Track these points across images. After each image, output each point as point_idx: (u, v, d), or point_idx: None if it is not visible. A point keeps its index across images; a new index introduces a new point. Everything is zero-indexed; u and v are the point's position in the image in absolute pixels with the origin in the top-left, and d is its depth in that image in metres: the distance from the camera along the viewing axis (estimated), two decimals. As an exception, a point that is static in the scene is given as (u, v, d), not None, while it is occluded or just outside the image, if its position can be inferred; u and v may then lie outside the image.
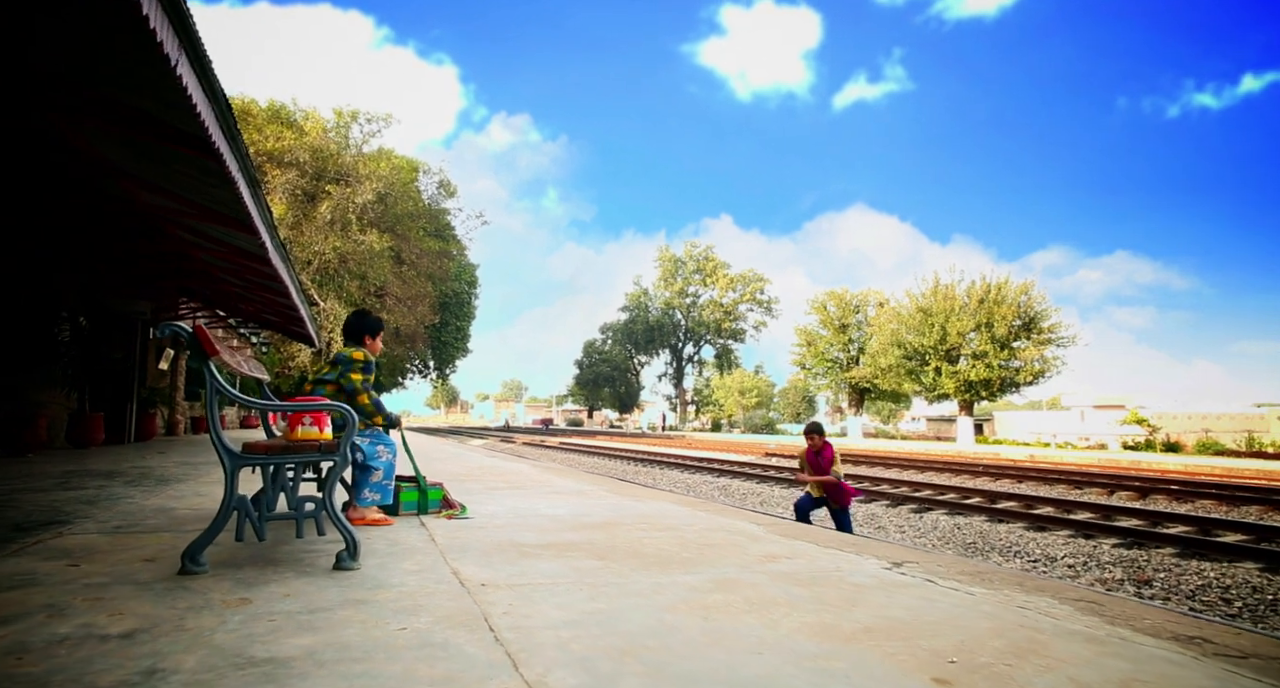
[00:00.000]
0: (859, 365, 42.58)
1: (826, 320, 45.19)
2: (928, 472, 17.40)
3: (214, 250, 10.13)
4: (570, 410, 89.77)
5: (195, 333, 2.60)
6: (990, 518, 9.74)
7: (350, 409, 2.72)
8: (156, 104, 5.18)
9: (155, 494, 4.94)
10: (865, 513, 10.49)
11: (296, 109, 34.92)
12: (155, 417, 14.35)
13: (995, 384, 31.59)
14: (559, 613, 2.17)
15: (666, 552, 3.24)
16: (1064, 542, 8.14)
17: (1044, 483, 14.50)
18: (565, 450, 26.51)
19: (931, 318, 32.52)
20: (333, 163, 33.29)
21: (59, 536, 3.25)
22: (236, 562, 2.71)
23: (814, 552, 3.34)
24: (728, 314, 63.76)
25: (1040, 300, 32.07)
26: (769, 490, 13.11)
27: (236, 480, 2.61)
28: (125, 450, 10.40)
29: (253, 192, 6.66)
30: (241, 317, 17.12)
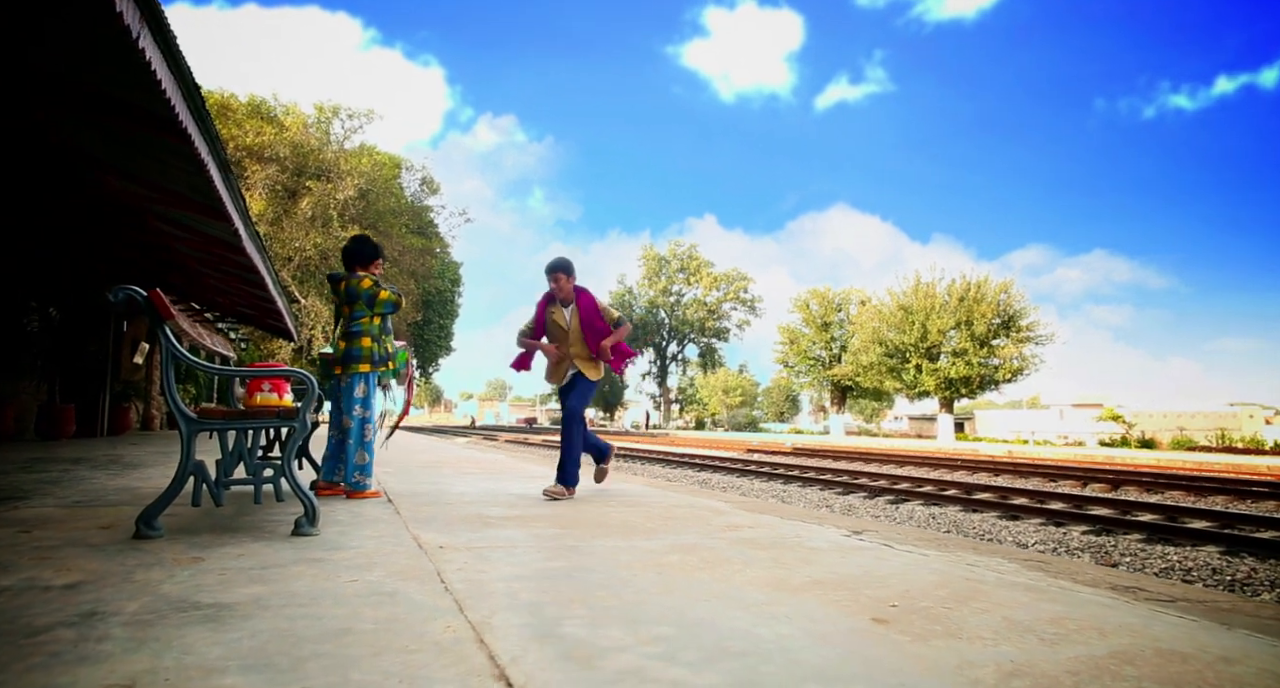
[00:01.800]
0: (841, 363, 42.87)
1: (809, 319, 45.45)
2: (906, 466, 17.56)
3: (188, 240, 10.02)
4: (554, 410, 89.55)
5: (150, 297, 2.58)
6: (965, 508, 9.84)
7: (310, 377, 2.71)
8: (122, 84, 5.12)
9: (121, 477, 4.89)
10: (842, 504, 10.55)
11: (277, 104, 34.60)
12: (129, 410, 14.16)
13: (975, 382, 31.93)
14: (513, 569, 2.18)
15: (630, 522, 3.26)
16: (1035, 530, 8.24)
17: (1020, 476, 14.69)
18: (549, 448, 26.45)
19: (912, 316, 32.82)
20: (314, 158, 33.02)
21: (14, 509, 3.21)
22: (194, 529, 2.70)
23: (776, 523, 3.37)
24: (711, 313, 63.90)
25: (1019, 299, 32.48)
26: (749, 483, 13.15)
27: (194, 445, 2.59)
28: (97, 443, 10.26)
29: (224, 176, 6.61)
30: (219, 310, 16.94)
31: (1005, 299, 32.22)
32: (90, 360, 12.04)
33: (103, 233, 10.59)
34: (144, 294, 2.60)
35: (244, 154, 30.91)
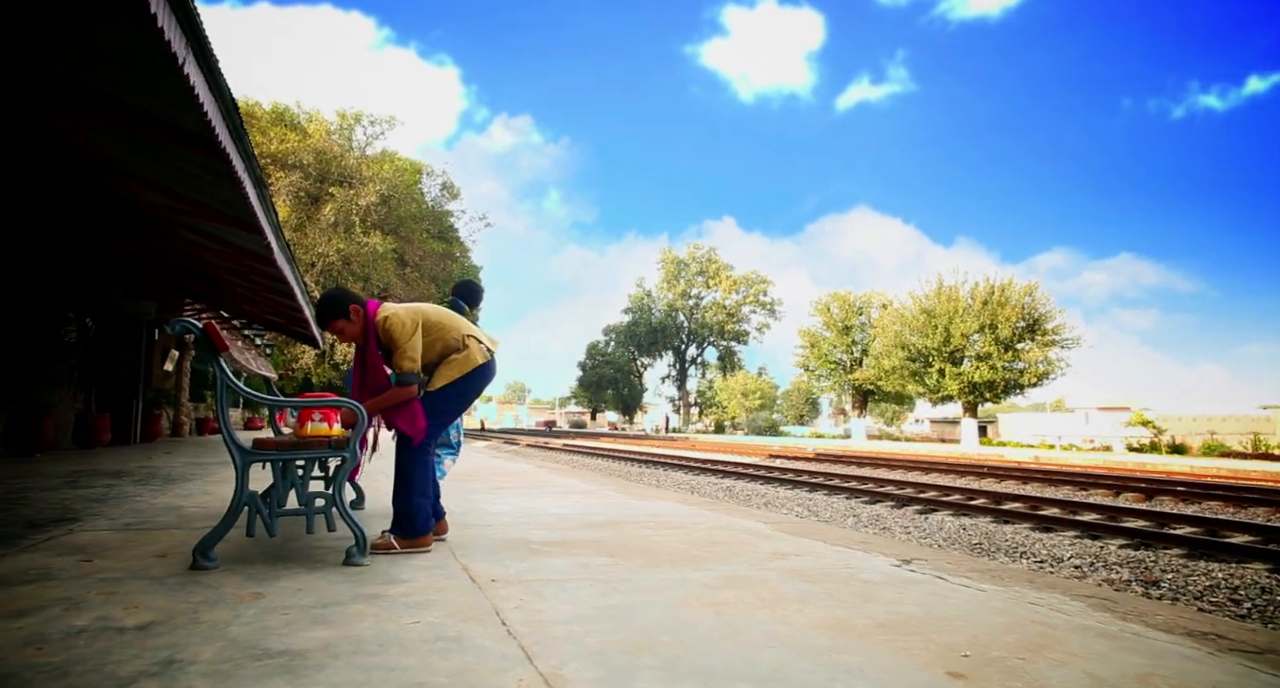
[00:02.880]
0: (862, 367, 42.56)
1: (830, 322, 45.18)
2: (932, 473, 17.38)
3: (219, 251, 10.16)
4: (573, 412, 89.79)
5: (205, 329, 2.61)
6: (996, 519, 9.71)
7: (361, 407, 2.73)
8: (163, 103, 5.21)
9: (164, 493, 4.95)
10: (870, 514, 10.45)
11: (300, 111, 35.06)
12: (160, 418, 14.39)
13: (999, 386, 31.54)
14: (571, 608, 2.17)
15: (676, 549, 3.24)
16: (1070, 543, 8.11)
17: (1049, 484, 14.47)
18: (569, 452, 26.51)
19: (935, 319, 32.50)
20: (336, 165, 33.40)
21: (70, 533, 3.26)
22: (247, 557, 2.72)
23: (822, 549, 3.34)
24: (731, 316, 63.74)
25: (1044, 302, 32.05)
26: (774, 492, 13.08)
27: (247, 476, 2.61)
28: (131, 451, 10.43)
29: (258, 192, 6.69)
30: (246, 318, 17.17)
31: (1030, 302, 31.82)
32: (123, 369, 12.25)
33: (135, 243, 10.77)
34: (200, 326, 2.63)
35: (268, 161, 31.36)
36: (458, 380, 3.09)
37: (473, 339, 3.17)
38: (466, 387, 3.13)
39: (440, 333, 3.11)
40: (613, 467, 19.01)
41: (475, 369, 3.13)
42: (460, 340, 3.14)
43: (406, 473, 3.00)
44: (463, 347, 3.13)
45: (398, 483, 3.01)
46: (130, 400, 12.45)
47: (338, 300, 3.06)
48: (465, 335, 3.16)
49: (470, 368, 3.12)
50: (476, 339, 3.18)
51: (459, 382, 3.10)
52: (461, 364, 3.10)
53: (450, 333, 3.13)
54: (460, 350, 3.12)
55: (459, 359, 3.11)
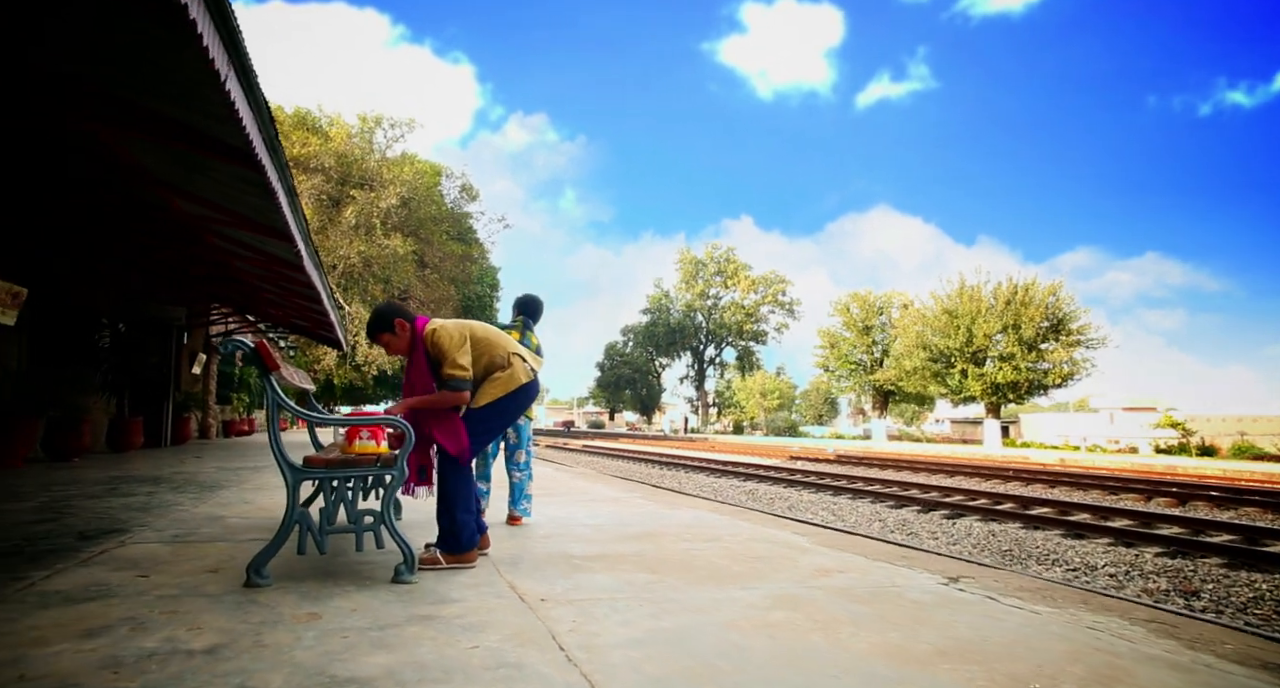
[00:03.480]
0: (883, 368, 42.24)
1: (850, 322, 44.89)
2: (957, 476, 17.22)
3: (248, 258, 10.30)
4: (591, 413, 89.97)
5: (257, 349, 2.65)
6: (1025, 525, 9.59)
7: (409, 425, 2.75)
8: (203, 118, 5.29)
9: (203, 501, 5.03)
10: (896, 519, 10.38)
11: (322, 115, 35.43)
12: (189, 421, 14.60)
13: (1023, 387, 31.16)
14: (624, 631, 2.17)
15: (716, 564, 3.24)
16: (1103, 550, 7.99)
17: (1077, 488, 14.28)
18: (589, 453, 26.57)
19: (957, 320, 32.17)
20: (357, 168, 33.72)
21: (121, 545, 3.32)
22: (298, 574, 2.75)
23: (864, 564, 3.31)
24: (749, 316, 63.53)
25: (1069, 301, 31.61)
26: (796, 495, 13.02)
27: (298, 494, 2.64)
28: (163, 455, 10.59)
29: (291, 201, 6.76)
30: (271, 321, 17.38)
31: (1054, 302, 31.41)
32: (154, 372, 12.44)
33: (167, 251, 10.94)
34: (251, 346, 2.66)
35: (291, 165, 31.69)
36: (500, 398, 3.11)
37: (516, 357, 3.18)
38: (508, 405, 3.15)
39: (486, 349, 3.13)
40: (634, 469, 19.01)
41: (518, 388, 3.15)
42: (505, 358, 3.15)
43: (448, 490, 3.02)
44: (507, 364, 3.15)
45: (440, 500, 3.03)
46: (161, 404, 12.64)
47: (385, 315, 3.13)
48: (510, 353, 3.18)
49: (514, 386, 3.13)
50: (520, 358, 3.20)
51: (502, 400, 3.11)
52: (505, 382, 3.12)
53: (496, 349, 3.15)
54: (504, 368, 3.14)
55: (503, 377, 3.12)
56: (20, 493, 5.29)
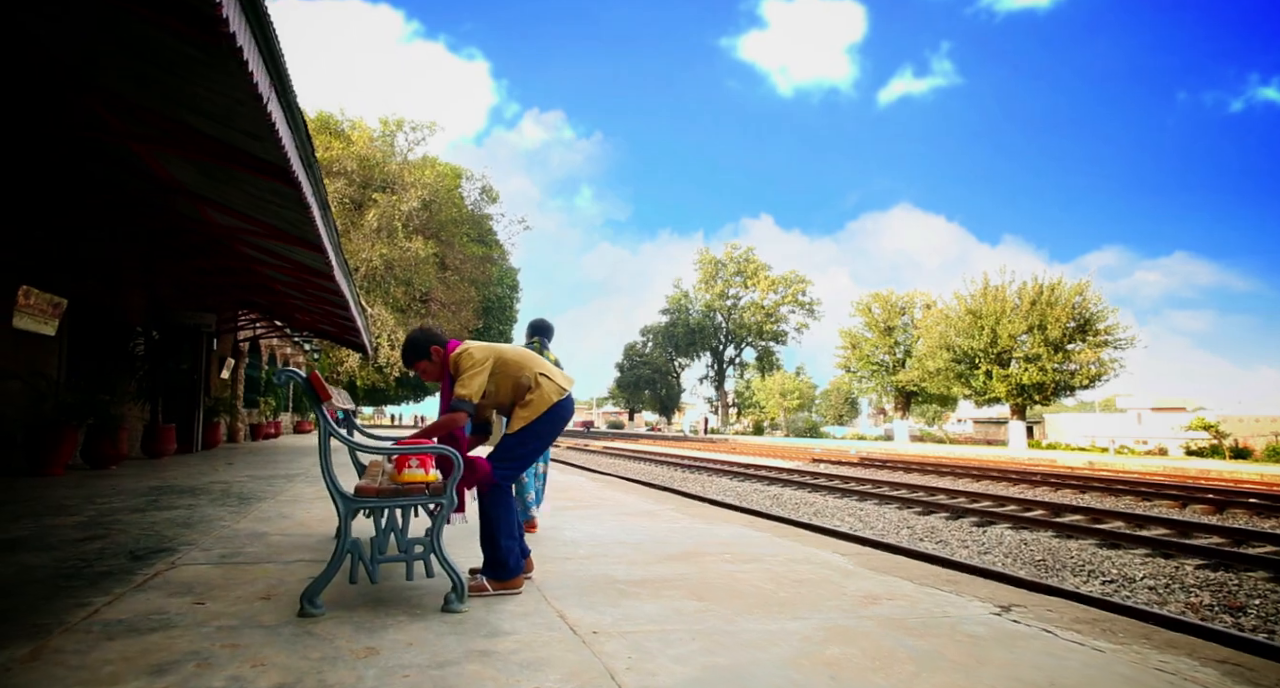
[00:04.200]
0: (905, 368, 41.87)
1: (871, 323, 44.56)
2: (984, 481, 16.99)
3: (278, 266, 10.43)
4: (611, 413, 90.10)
5: (310, 380, 2.67)
6: (1058, 533, 9.44)
7: (457, 454, 2.76)
8: (242, 135, 5.36)
9: (243, 515, 5.09)
10: (924, 526, 10.27)
11: (344, 119, 35.79)
12: (219, 426, 14.81)
13: (1049, 388, 30.75)
14: (682, 669, 2.16)
15: (761, 590, 3.22)
16: (1141, 561, 7.83)
17: (1109, 494, 14.03)
18: (611, 455, 26.58)
19: (981, 320, 31.81)
20: (379, 171, 34.03)
21: (172, 566, 3.36)
22: (349, 602, 2.77)
23: (911, 591, 3.27)
24: (769, 316, 63.28)
25: (1096, 301, 31.14)
26: (821, 500, 12.93)
27: (350, 524, 2.66)
28: (195, 461, 10.75)
29: (324, 215, 6.83)
30: (298, 326, 17.61)
31: (1081, 301, 30.94)
32: (184, 379, 12.62)
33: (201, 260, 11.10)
34: (305, 377, 2.69)
35: (315, 170, 32.05)
36: (534, 421, 3.10)
37: (544, 377, 3.16)
38: (543, 427, 3.13)
39: (514, 371, 3.11)
40: (658, 472, 18.97)
41: (550, 408, 3.13)
42: (532, 378, 3.13)
43: (491, 517, 3.03)
44: (535, 385, 3.13)
45: (484, 527, 3.04)
46: (192, 410, 12.84)
47: (419, 343, 3.14)
48: (538, 374, 3.15)
49: (546, 407, 3.12)
50: (548, 377, 3.18)
51: (535, 423, 3.10)
52: (537, 404, 3.11)
53: (524, 371, 3.13)
54: (534, 389, 3.12)
55: (534, 399, 3.11)
56: (66, 506, 5.38)
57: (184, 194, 8.38)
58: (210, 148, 5.96)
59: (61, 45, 5.18)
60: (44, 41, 5.12)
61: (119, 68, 5.29)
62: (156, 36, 4.21)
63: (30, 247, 8.16)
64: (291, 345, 25.33)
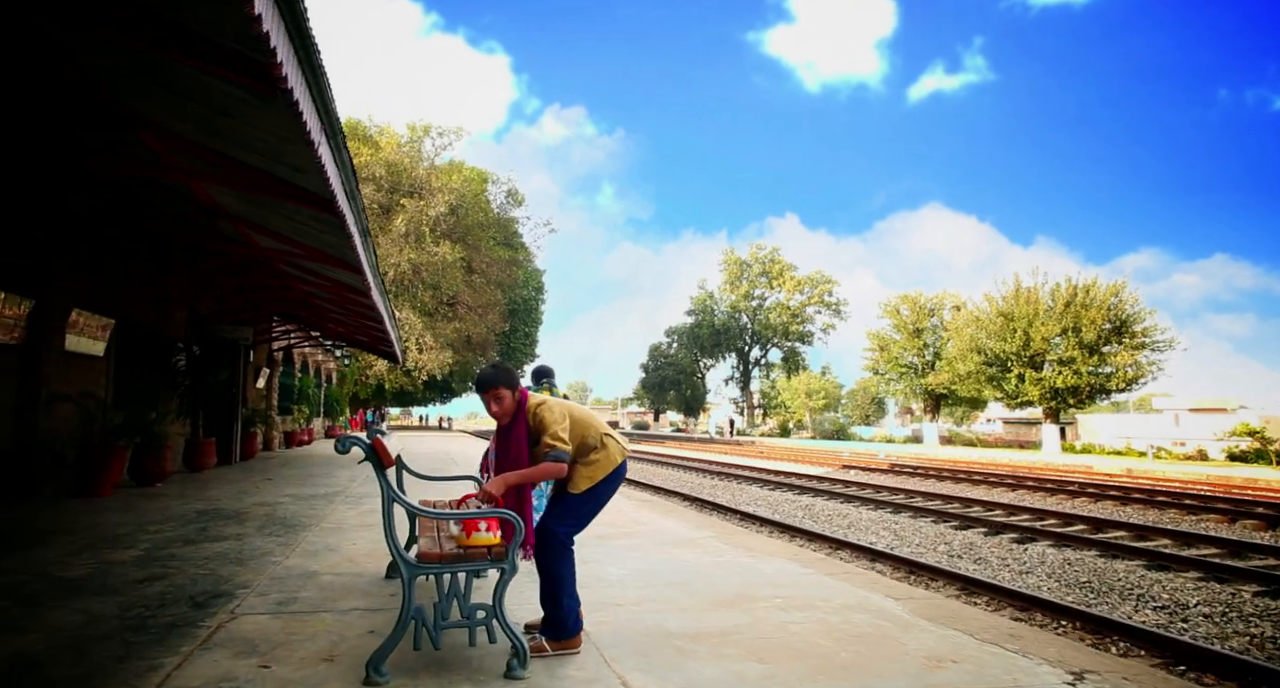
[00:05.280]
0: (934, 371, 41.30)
1: (900, 325, 44.05)
2: (1019, 490, 16.70)
3: (317, 283, 10.57)
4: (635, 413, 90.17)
5: (373, 446, 2.68)
6: (1102, 553, 9.22)
7: (518, 518, 2.75)
8: (293, 172, 5.42)
9: (291, 548, 5.15)
10: (962, 542, 10.11)
11: (372, 124, 36.19)
12: (255, 436, 15.05)
13: (1084, 392, 30.14)
14: (757, 756, 2.12)
15: (822, 648, 3.17)
16: (1194, 586, 7.61)
17: (1151, 506, 13.70)
18: (640, 460, 26.57)
19: (1013, 323, 31.28)
20: (407, 177, 34.36)
21: (233, 616, 3.41)
22: (411, 667, 2.78)
23: (974, 650, 3.20)
24: (795, 317, 62.89)
25: (1133, 302, 30.46)
26: (856, 514, 12.80)
27: (413, 590, 2.66)
28: (235, 475, 10.94)
29: (364, 241, 6.90)
30: (331, 336, 17.85)
31: (1117, 303, 30.28)
32: (224, 391, 12.83)
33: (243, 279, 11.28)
34: (369, 443, 2.70)
35: (344, 177, 32.47)
36: (601, 482, 3.11)
37: (609, 438, 3.18)
38: (607, 487, 3.16)
39: (582, 429, 3.13)
40: (688, 479, 18.87)
41: (615, 469, 3.16)
42: (599, 439, 3.15)
43: (553, 574, 3.01)
44: (601, 445, 3.14)
45: (545, 587, 3.03)
46: (230, 423, 13.06)
47: (509, 378, 3.14)
48: (603, 434, 3.18)
49: (611, 468, 3.14)
50: (613, 438, 3.20)
51: (602, 483, 3.11)
52: (604, 464, 3.11)
53: (590, 430, 3.15)
54: (599, 449, 3.13)
55: (599, 459, 3.12)
56: (121, 536, 5.49)
57: (227, 217, 8.53)
58: (257, 180, 6.05)
59: (124, 88, 5.29)
60: (103, 80, 5.23)
61: (174, 107, 5.39)
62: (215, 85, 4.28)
63: (81, 271, 8.35)
64: (323, 352, 25.68)
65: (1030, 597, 6.65)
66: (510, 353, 49.51)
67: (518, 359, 51.74)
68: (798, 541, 9.82)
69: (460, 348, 37.42)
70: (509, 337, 46.69)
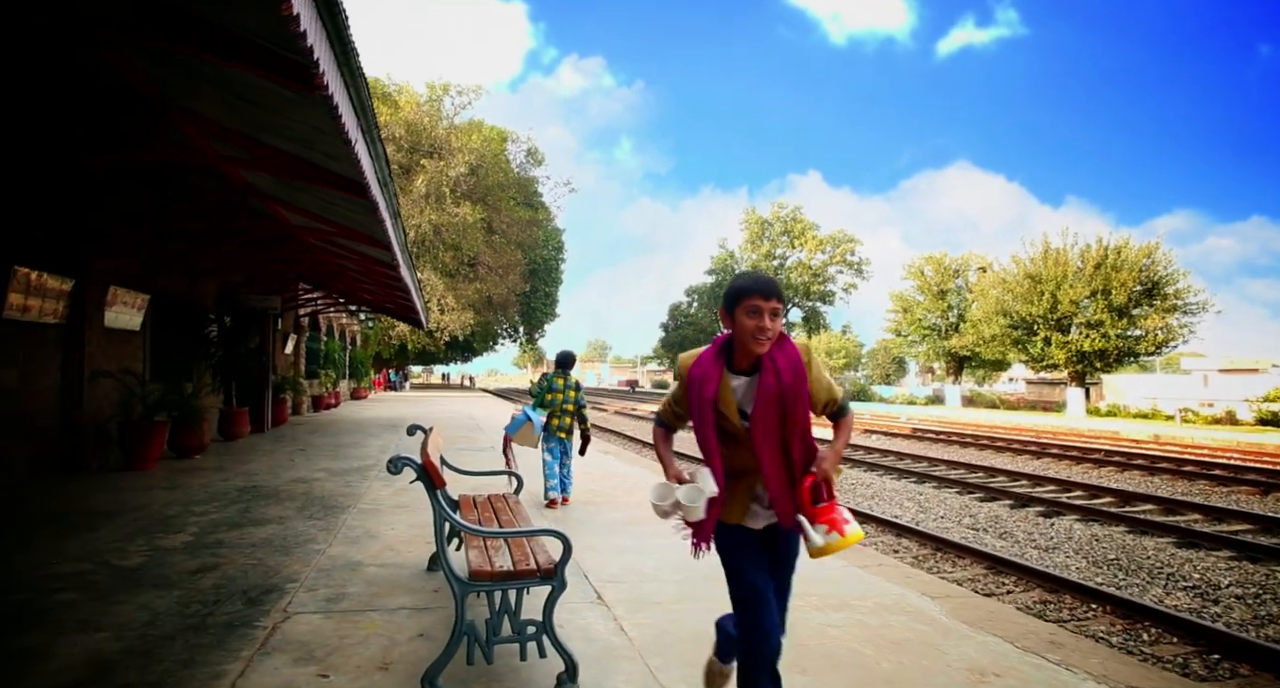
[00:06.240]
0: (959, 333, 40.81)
1: (924, 286, 43.41)
2: (1044, 458, 16.63)
3: (345, 256, 10.61)
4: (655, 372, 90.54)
5: (425, 467, 2.71)
6: (1131, 529, 9.18)
7: (568, 538, 2.78)
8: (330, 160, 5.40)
9: (332, 535, 5.29)
10: (987, 515, 10.13)
11: (390, 83, 35.71)
12: (285, 403, 15.33)
13: (1111, 355, 29.69)
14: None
15: (862, 656, 3.21)
16: (1226, 565, 7.56)
17: (1180, 477, 13.57)
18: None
19: (1041, 285, 30.70)
20: (426, 136, 34.03)
21: (286, 616, 3.52)
22: (464, 679, 2.86)
23: (1016, 660, 3.23)
24: (816, 276, 62.23)
25: (1166, 263, 29.68)
26: (880, 483, 12.86)
27: (465, 607, 2.72)
28: (268, 444, 11.19)
29: (394, 222, 6.88)
30: (359, 304, 18.00)
31: (1149, 264, 29.53)
32: (254, 360, 13.02)
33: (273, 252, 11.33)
34: (419, 463, 2.73)
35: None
36: None
37: None
38: None
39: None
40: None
41: None
42: None
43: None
44: None
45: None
46: (261, 391, 13.29)
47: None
48: None
49: None
50: None
51: None
52: None
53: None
54: None
55: None
56: (169, 519, 5.67)
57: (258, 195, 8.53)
58: (291, 166, 6.03)
59: (167, 85, 5.27)
60: (148, 74, 5.19)
61: (214, 100, 5.38)
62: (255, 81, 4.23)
63: (118, 250, 8.43)
64: (347, 315, 25.92)
65: (1060, 579, 6.66)
66: (531, 313, 49.64)
67: (538, 319, 51.87)
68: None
69: (481, 309, 37.57)
70: (529, 297, 46.74)
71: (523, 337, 54.45)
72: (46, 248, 7.16)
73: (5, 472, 6.76)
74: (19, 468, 7.00)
